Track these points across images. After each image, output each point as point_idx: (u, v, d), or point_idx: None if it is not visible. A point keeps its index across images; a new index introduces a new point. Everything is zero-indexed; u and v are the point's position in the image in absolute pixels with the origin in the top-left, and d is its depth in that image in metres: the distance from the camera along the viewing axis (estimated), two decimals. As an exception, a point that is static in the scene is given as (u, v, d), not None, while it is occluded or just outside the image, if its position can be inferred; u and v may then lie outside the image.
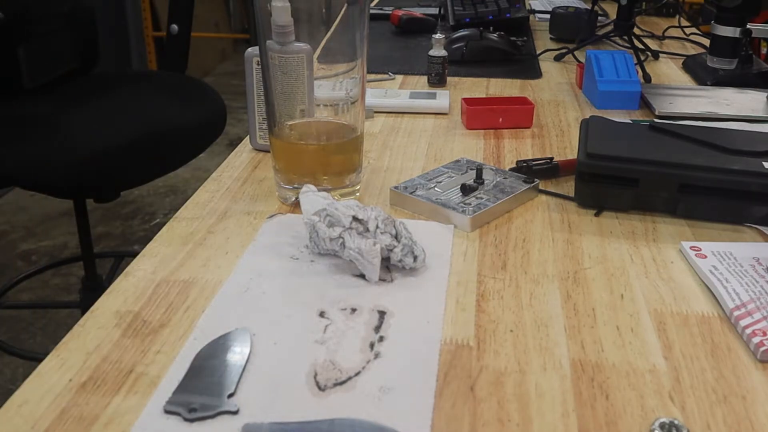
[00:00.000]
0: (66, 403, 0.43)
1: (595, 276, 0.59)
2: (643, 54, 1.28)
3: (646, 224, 0.68)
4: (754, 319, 0.52)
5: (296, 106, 0.68)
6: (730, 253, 0.61)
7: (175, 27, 2.06)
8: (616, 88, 1.01)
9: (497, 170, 0.76)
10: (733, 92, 1.07)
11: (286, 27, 0.65)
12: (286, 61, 0.65)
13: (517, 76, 1.19)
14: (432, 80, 1.11)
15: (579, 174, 0.70)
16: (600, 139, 0.73)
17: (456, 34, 1.27)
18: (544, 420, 0.43)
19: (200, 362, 0.47)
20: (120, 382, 0.45)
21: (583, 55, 1.15)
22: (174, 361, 0.47)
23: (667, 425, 0.42)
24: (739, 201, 0.67)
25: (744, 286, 0.56)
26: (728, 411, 0.44)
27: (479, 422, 0.43)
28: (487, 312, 0.54)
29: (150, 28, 3.57)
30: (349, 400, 0.44)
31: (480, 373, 0.47)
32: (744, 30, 1.08)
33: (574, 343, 0.50)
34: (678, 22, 1.51)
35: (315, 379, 0.45)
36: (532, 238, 0.65)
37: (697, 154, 0.69)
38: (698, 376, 0.47)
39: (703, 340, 0.51)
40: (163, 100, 1.56)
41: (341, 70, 0.66)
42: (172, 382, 0.45)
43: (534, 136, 0.91)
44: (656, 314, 0.54)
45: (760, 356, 0.49)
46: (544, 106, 1.03)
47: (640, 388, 0.46)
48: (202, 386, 0.44)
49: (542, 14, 1.64)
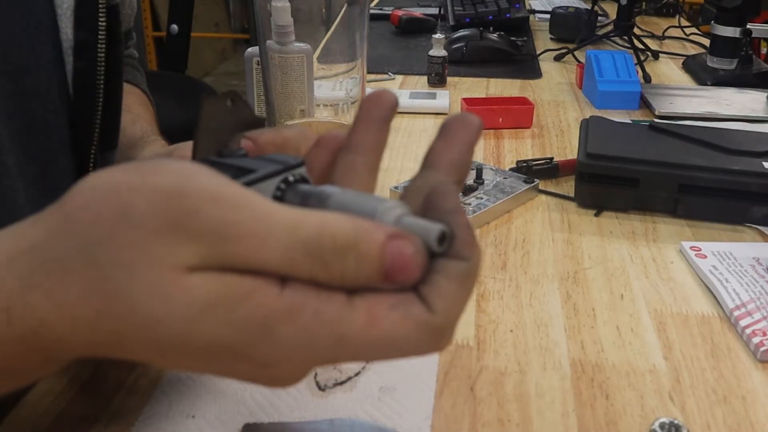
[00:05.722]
0: (66, 403, 0.43)
1: (595, 276, 0.59)
2: (643, 54, 1.28)
3: (646, 224, 0.68)
4: (754, 319, 0.52)
5: (296, 106, 0.67)
6: (730, 253, 0.61)
7: (175, 27, 2.07)
8: (616, 88, 1.01)
9: (497, 170, 0.76)
10: (733, 92, 1.07)
11: (286, 27, 0.65)
12: (286, 61, 0.65)
13: (517, 76, 1.19)
14: (432, 80, 1.10)
15: (579, 174, 0.70)
16: (600, 139, 0.73)
17: (456, 34, 1.27)
18: (544, 420, 0.43)
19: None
20: (120, 382, 0.45)
21: (583, 55, 1.15)
22: (174, 361, 0.47)
23: (667, 425, 0.42)
24: (739, 201, 0.67)
25: (744, 286, 0.56)
26: (728, 411, 0.44)
27: (479, 422, 0.43)
28: (487, 312, 0.54)
29: (150, 28, 3.57)
30: (349, 400, 0.44)
31: (480, 373, 0.47)
32: (744, 30, 1.08)
33: (574, 343, 0.50)
34: (678, 22, 1.51)
35: (315, 379, 0.45)
36: (532, 238, 0.65)
37: (697, 154, 0.69)
38: (698, 376, 0.47)
39: (703, 340, 0.51)
40: (163, 100, 1.56)
41: (341, 70, 0.66)
42: (172, 382, 0.45)
43: (534, 136, 0.91)
44: (656, 314, 0.54)
45: (760, 356, 0.49)
46: (544, 106, 1.03)
47: (640, 388, 0.46)
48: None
49: (542, 14, 1.63)
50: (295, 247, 0.25)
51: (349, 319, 0.26)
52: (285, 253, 0.25)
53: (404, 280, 0.26)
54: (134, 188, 0.26)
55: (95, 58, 0.51)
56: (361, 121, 0.32)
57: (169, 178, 0.26)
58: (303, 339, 0.25)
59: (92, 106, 0.52)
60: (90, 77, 0.51)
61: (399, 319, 0.26)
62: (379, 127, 0.32)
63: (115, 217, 0.25)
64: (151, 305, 0.25)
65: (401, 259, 0.25)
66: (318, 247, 0.25)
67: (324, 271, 0.25)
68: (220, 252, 0.25)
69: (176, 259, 0.25)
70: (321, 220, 0.26)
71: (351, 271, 0.25)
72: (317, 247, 0.25)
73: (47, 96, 0.50)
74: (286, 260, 0.25)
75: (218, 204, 0.25)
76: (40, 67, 0.49)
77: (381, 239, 0.25)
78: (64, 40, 0.50)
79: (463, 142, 0.30)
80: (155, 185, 0.26)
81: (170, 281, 0.25)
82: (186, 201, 0.25)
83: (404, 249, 0.25)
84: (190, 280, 0.25)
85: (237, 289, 0.25)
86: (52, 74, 0.50)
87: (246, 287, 0.25)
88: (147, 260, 0.25)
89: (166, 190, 0.25)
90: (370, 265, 0.25)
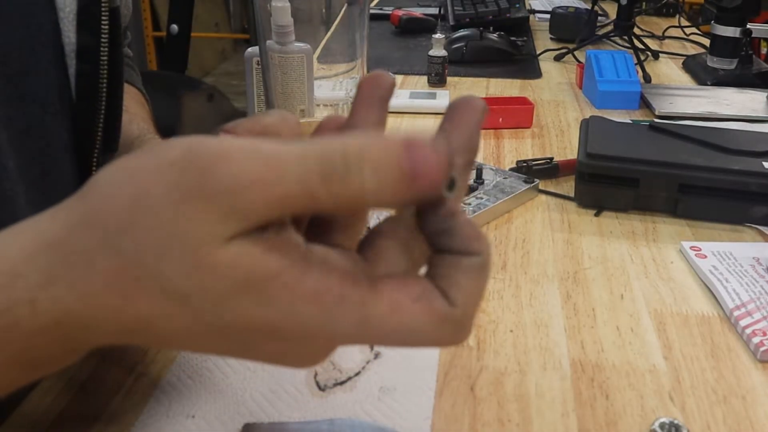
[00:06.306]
0: (66, 403, 0.43)
1: (595, 276, 0.59)
2: (643, 54, 1.28)
3: (646, 224, 0.68)
4: (754, 319, 0.52)
5: (296, 106, 0.67)
6: (730, 253, 0.61)
7: (175, 27, 2.07)
8: (616, 88, 1.01)
9: (497, 170, 0.76)
10: (733, 92, 1.07)
11: (286, 27, 0.65)
12: (286, 61, 0.65)
13: (517, 76, 1.19)
14: (432, 80, 1.10)
15: (579, 174, 0.70)
16: (600, 139, 0.73)
17: (456, 34, 1.27)
18: (544, 420, 0.43)
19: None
20: (120, 382, 0.45)
21: (583, 55, 1.15)
22: (174, 362, 0.47)
23: (667, 425, 0.42)
24: (739, 201, 0.67)
25: (744, 286, 0.56)
26: (728, 411, 0.44)
27: (479, 422, 0.43)
28: (487, 312, 0.54)
29: (150, 28, 3.57)
30: (349, 400, 0.44)
31: (480, 373, 0.47)
32: (744, 30, 1.08)
33: (574, 343, 0.50)
34: (678, 22, 1.51)
35: (315, 379, 0.45)
36: (532, 238, 0.65)
37: (697, 154, 0.69)
38: (698, 376, 0.47)
39: (703, 340, 0.51)
40: (163, 101, 1.56)
41: (341, 70, 0.66)
42: (172, 382, 0.45)
43: (534, 136, 0.91)
44: (656, 314, 0.54)
45: (760, 356, 0.49)
46: (544, 106, 1.03)
47: (640, 388, 0.46)
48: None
49: (542, 14, 1.63)
50: (309, 174, 0.25)
51: (373, 304, 0.26)
52: (301, 183, 0.25)
53: (429, 183, 0.25)
54: (146, 169, 0.26)
55: (98, 61, 0.51)
56: (361, 102, 0.32)
57: (176, 150, 0.26)
58: (327, 320, 0.26)
59: (95, 109, 0.52)
60: (93, 80, 0.52)
61: (421, 310, 0.26)
62: (379, 107, 0.32)
63: (133, 203, 0.26)
64: (179, 284, 0.25)
65: (423, 161, 0.25)
66: (330, 164, 0.25)
67: (344, 189, 0.25)
68: (240, 203, 0.25)
69: (200, 232, 0.25)
70: (327, 140, 0.25)
71: (371, 183, 0.25)
72: (329, 164, 0.25)
73: (48, 99, 0.50)
74: (304, 191, 0.25)
75: (228, 160, 0.25)
76: (40, 70, 0.49)
77: (395, 146, 0.25)
78: (66, 43, 0.50)
79: (470, 123, 0.30)
80: (165, 159, 0.26)
81: (198, 259, 0.25)
82: (196, 164, 0.25)
83: (423, 150, 0.25)
84: (218, 258, 0.25)
85: (264, 270, 0.25)
86: (52, 77, 0.50)
87: (273, 267, 0.25)
88: (172, 240, 0.25)
89: (176, 162, 0.25)
90: (390, 172, 0.25)
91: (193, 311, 0.26)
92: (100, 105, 0.52)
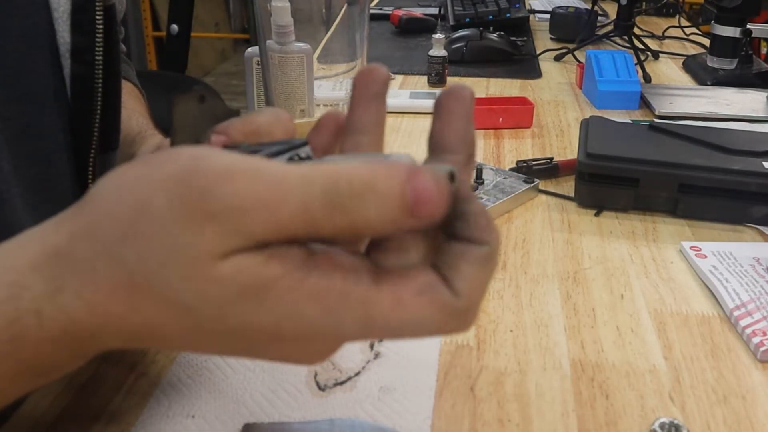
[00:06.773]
0: (66, 403, 0.43)
1: (595, 276, 0.59)
2: (643, 54, 1.28)
3: (646, 224, 0.68)
4: (754, 319, 0.52)
5: (296, 106, 0.68)
6: (730, 253, 0.61)
7: (175, 27, 2.07)
8: (616, 88, 1.01)
9: (497, 170, 0.76)
10: (733, 92, 1.07)
11: (286, 27, 0.65)
12: (286, 61, 0.65)
13: (517, 76, 1.19)
14: (432, 80, 1.10)
15: (579, 174, 0.70)
16: (600, 139, 0.73)
17: (456, 34, 1.27)
18: (544, 420, 0.43)
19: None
20: (120, 382, 0.45)
21: (583, 55, 1.15)
22: (174, 362, 0.47)
23: (667, 425, 0.42)
24: (739, 201, 0.67)
25: (744, 286, 0.56)
26: (728, 411, 0.44)
27: (479, 422, 0.43)
28: (487, 312, 0.54)
29: (150, 28, 3.57)
30: (349, 400, 0.44)
31: (480, 373, 0.47)
32: (744, 30, 1.08)
33: (574, 343, 0.50)
34: (678, 22, 1.51)
35: (315, 379, 0.45)
36: (532, 238, 0.65)
37: (696, 154, 0.69)
38: (698, 376, 0.47)
39: (703, 340, 0.51)
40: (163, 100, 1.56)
41: (341, 70, 0.66)
42: (172, 382, 0.45)
43: (534, 136, 0.91)
44: (656, 314, 0.54)
45: (760, 356, 0.49)
46: (544, 106, 1.03)
47: (640, 388, 0.46)
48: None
49: (542, 14, 1.63)
50: (312, 201, 0.25)
51: (376, 300, 0.26)
52: (303, 209, 0.25)
53: (430, 213, 0.25)
54: (149, 181, 0.26)
55: (93, 62, 0.51)
56: (358, 100, 0.32)
57: (180, 164, 0.26)
58: (331, 319, 0.26)
59: (91, 109, 0.52)
60: (88, 80, 0.51)
61: (424, 303, 0.26)
62: (377, 103, 0.32)
63: (135, 213, 0.26)
64: (182, 295, 0.25)
65: (425, 192, 0.25)
66: (335, 194, 0.25)
67: (346, 218, 0.25)
68: (242, 225, 0.25)
69: (202, 247, 0.25)
70: (334, 169, 0.25)
71: (374, 215, 0.25)
72: (334, 194, 0.25)
73: (43, 100, 0.49)
74: (306, 217, 0.25)
75: (231, 179, 0.25)
76: (35, 71, 0.49)
77: (399, 176, 0.25)
78: (61, 44, 0.50)
79: (461, 116, 0.30)
80: (168, 174, 0.26)
81: (200, 272, 0.25)
82: (199, 183, 0.25)
83: (425, 181, 0.25)
84: (219, 271, 0.25)
85: (265, 276, 0.25)
86: (48, 78, 0.50)
87: (274, 273, 0.25)
88: (174, 252, 0.25)
89: (179, 177, 0.25)
90: (392, 203, 0.25)
91: (196, 318, 0.26)
92: (96, 105, 0.52)
